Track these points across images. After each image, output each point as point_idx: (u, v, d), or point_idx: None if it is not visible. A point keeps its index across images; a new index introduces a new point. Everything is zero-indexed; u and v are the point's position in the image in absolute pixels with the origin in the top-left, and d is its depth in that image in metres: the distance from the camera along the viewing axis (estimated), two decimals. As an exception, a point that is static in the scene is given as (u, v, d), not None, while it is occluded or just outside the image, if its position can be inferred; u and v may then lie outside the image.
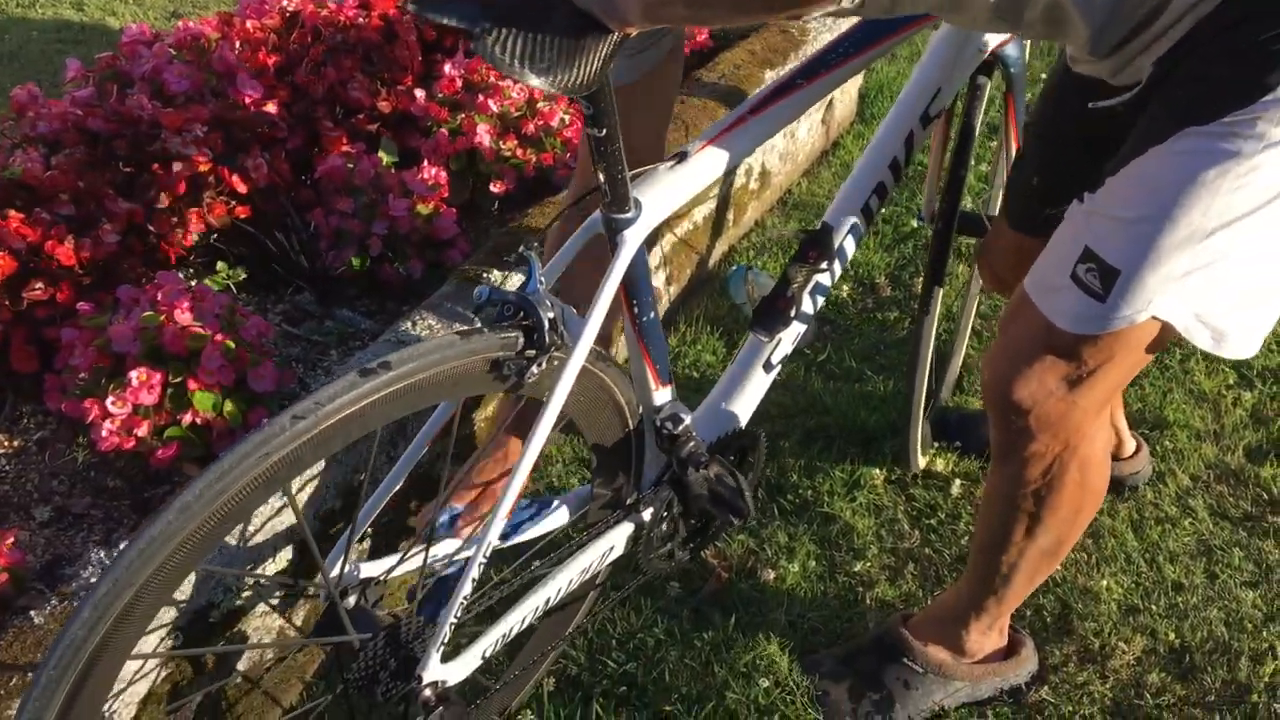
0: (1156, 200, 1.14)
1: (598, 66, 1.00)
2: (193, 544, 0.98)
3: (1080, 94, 1.35)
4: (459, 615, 1.21)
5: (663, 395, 1.41)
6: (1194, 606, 1.76)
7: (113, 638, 0.96)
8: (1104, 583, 1.80)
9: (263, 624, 1.52)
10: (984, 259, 1.82)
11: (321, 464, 1.51)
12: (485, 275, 1.87)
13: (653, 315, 1.33)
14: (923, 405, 1.92)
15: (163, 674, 1.35)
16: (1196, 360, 2.28)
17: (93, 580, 1.34)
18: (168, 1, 4.40)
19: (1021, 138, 1.67)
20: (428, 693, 1.23)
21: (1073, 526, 1.43)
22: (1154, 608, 1.77)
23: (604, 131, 1.12)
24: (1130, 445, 1.98)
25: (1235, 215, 1.11)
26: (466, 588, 1.20)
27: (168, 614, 1.32)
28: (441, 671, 1.25)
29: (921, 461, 2.03)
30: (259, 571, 1.46)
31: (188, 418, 1.54)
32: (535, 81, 0.96)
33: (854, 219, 1.61)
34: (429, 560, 1.33)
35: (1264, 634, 1.71)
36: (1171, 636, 1.72)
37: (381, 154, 2.14)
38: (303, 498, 1.51)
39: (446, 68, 2.25)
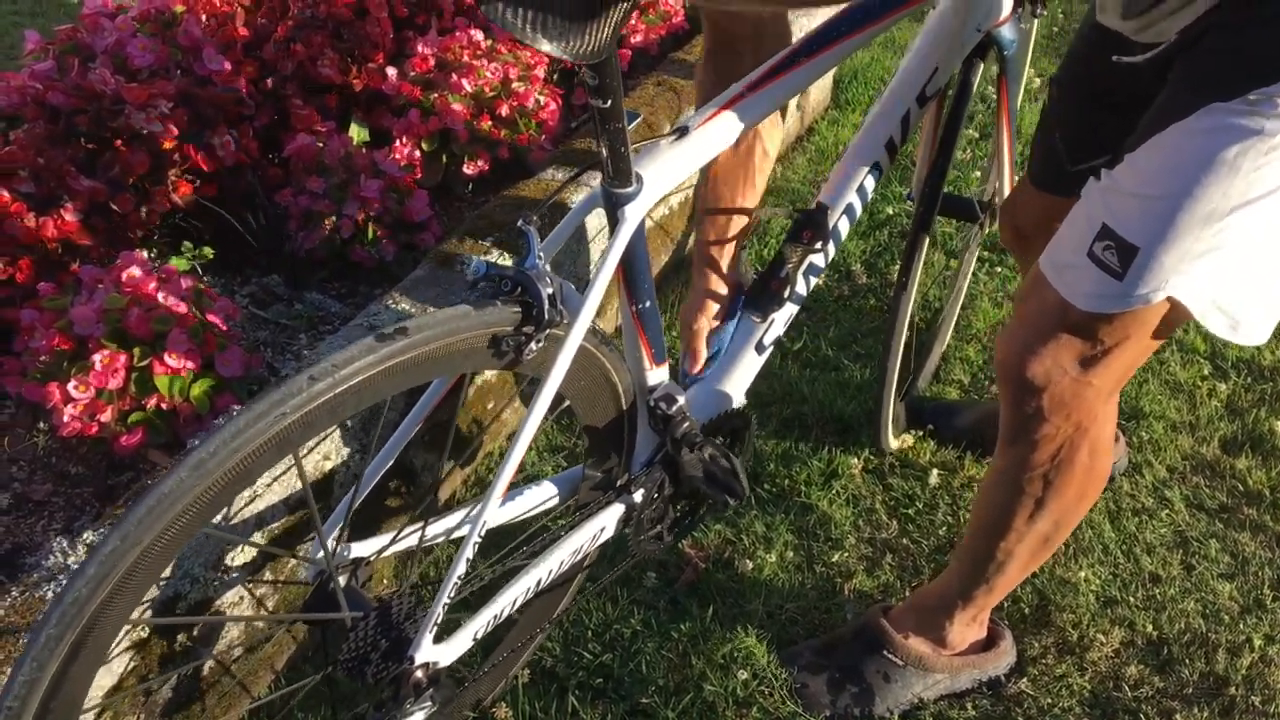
0: (1177, 177, 1.12)
1: (608, 34, 0.97)
2: (202, 504, 0.95)
3: (1105, 51, 1.34)
4: (452, 595, 1.18)
5: (657, 375, 1.38)
6: (1171, 598, 1.76)
7: (114, 599, 0.93)
8: (1082, 574, 1.79)
9: (245, 606, 1.48)
10: (1006, 216, 1.81)
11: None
12: (458, 258, 1.83)
13: (649, 290, 1.30)
14: (895, 384, 1.90)
15: (142, 648, 1.31)
16: (1172, 351, 2.28)
17: (51, 565, 1.29)
18: (129, -26, 4.30)
19: (1047, 93, 1.65)
20: (419, 674, 1.21)
21: (1074, 512, 1.42)
22: (1132, 599, 1.76)
23: (608, 103, 1.08)
24: (1114, 438, 1.97)
25: (1256, 195, 1.09)
26: (461, 567, 1.17)
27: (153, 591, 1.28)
28: (433, 653, 1.23)
29: (894, 443, 2.02)
30: (254, 542, 1.42)
31: (152, 402, 1.49)
32: (546, 47, 0.93)
33: (850, 199, 1.60)
34: (424, 540, 1.30)
35: (1240, 626, 1.71)
36: (1149, 628, 1.71)
37: (352, 133, 2.09)
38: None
39: (419, 46, 2.20)
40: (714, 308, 1.61)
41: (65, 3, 3.99)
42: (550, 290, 1.13)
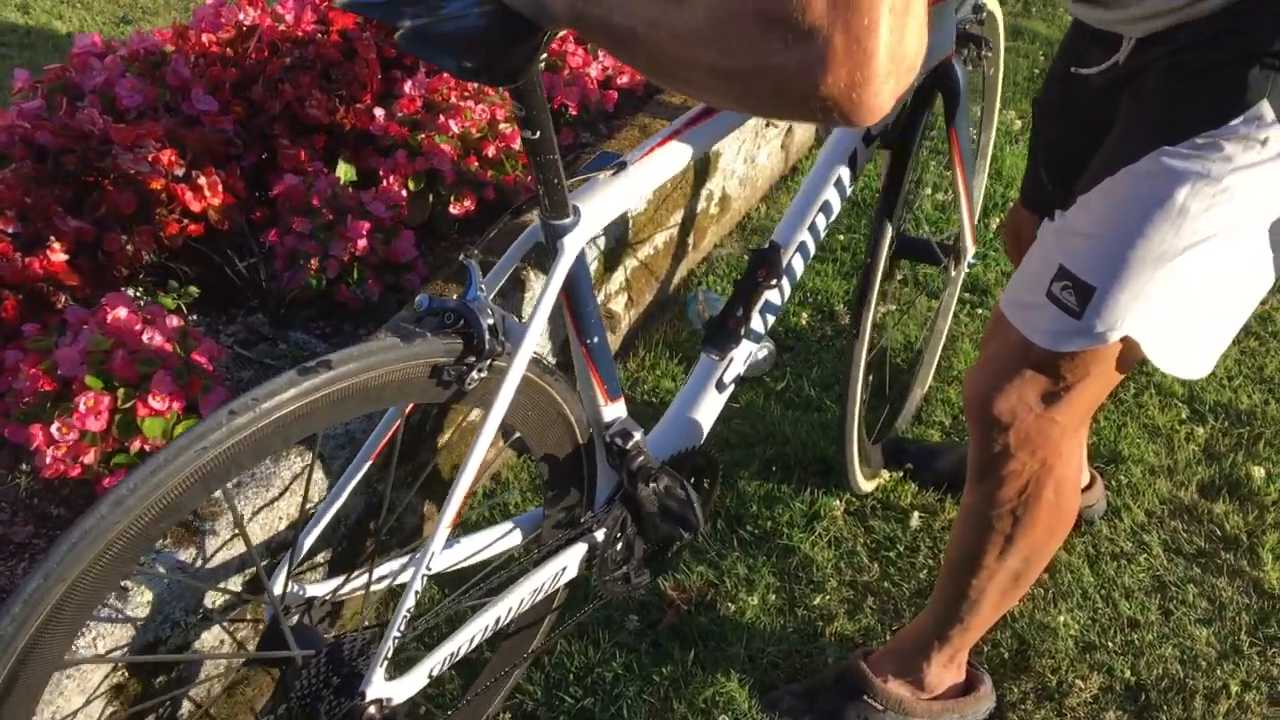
0: (1129, 220, 1.16)
1: (523, 61, 1.00)
2: (126, 540, 0.95)
3: (1077, 71, 1.37)
4: (402, 630, 1.19)
5: (612, 411, 1.40)
6: (1149, 644, 1.77)
7: (43, 637, 0.93)
8: (1061, 618, 1.80)
9: (206, 646, 1.47)
10: (1009, 235, 1.85)
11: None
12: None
13: (597, 325, 1.32)
14: (859, 426, 1.91)
15: (103, 691, 1.31)
16: (1150, 395, 2.30)
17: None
18: (117, 7, 4.31)
19: (1034, 117, 1.68)
20: (372, 710, 1.22)
21: (1043, 549, 1.44)
22: (1110, 644, 1.77)
23: (537, 134, 1.11)
24: (1085, 478, 1.99)
25: (1205, 236, 1.13)
26: (410, 601, 1.19)
27: (118, 631, 1.28)
28: (386, 689, 1.24)
29: (866, 485, 2.03)
30: (205, 583, 1.42)
31: (136, 444, 1.49)
32: (455, 70, 0.96)
33: (801, 237, 1.63)
34: (373, 579, 1.31)
35: (1218, 672, 1.72)
36: (1128, 674, 1.72)
37: (340, 172, 2.10)
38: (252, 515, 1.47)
39: (406, 86, 2.22)
40: None
41: (54, 36, 4.00)
42: (490, 321, 1.15)
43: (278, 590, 1.25)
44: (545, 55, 2.26)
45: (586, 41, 2.58)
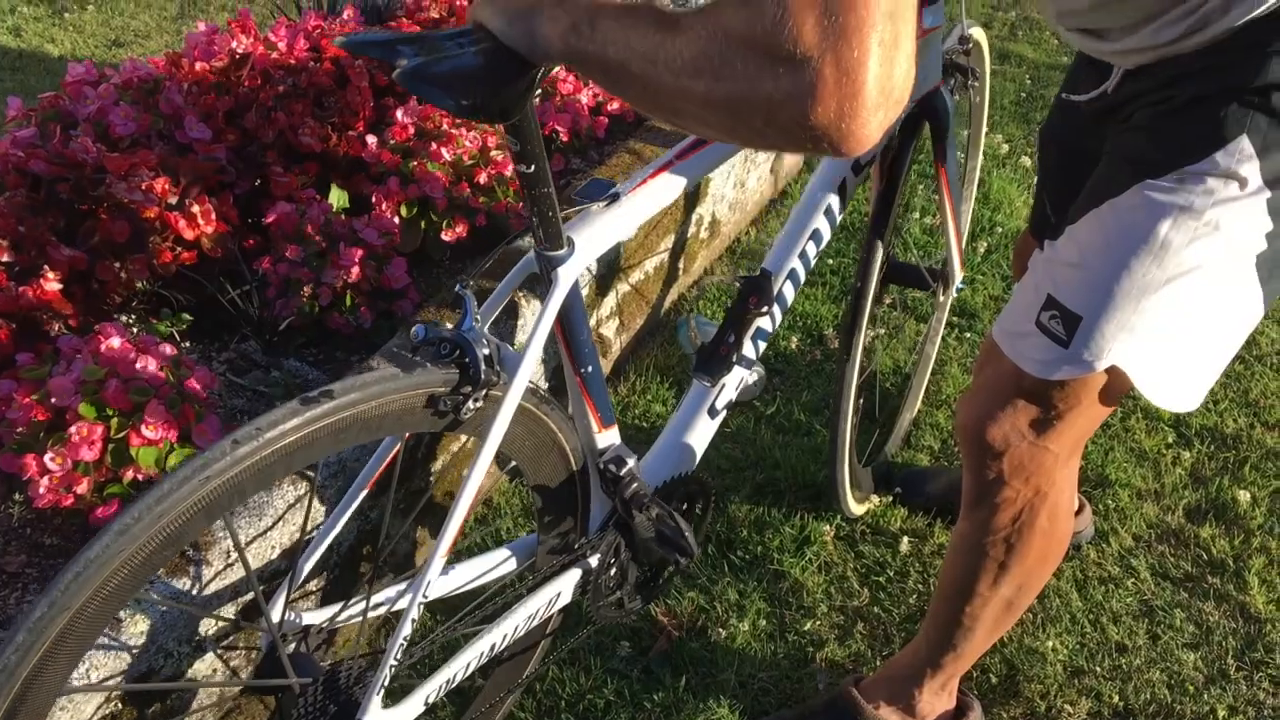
0: (1113, 252, 1.17)
1: (518, 97, 1.02)
2: (130, 568, 0.96)
3: (1069, 98, 1.40)
4: (399, 658, 1.20)
5: (606, 438, 1.42)
6: (1137, 668, 1.79)
7: (46, 665, 0.94)
8: (1050, 643, 1.81)
9: (204, 674, 1.48)
10: (1017, 260, 1.86)
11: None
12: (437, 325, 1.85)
13: (591, 354, 1.34)
14: (850, 450, 1.92)
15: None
16: (1137, 419, 2.32)
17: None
18: (109, 30, 4.32)
19: (1036, 151, 1.70)
20: None
21: (1036, 576, 1.45)
22: (1098, 669, 1.78)
23: (532, 168, 1.13)
24: (1074, 503, 2.00)
25: (1188, 268, 1.14)
26: (406, 629, 1.20)
27: (112, 661, 1.29)
28: (382, 716, 1.24)
29: (857, 508, 2.04)
30: (202, 610, 1.43)
31: (129, 474, 1.50)
32: (453, 108, 0.97)
33: (792, 264, 1.65)
34: (369, 607, 1.32)
35: (1205, 696, 1.74)
36: (1116, 699, 1.74)
37: (332, 200, 2.12)
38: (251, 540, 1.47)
39: (399, 114, 2.23)
40: None
41: (46, 58, 4.01)
42: (486, 351, 1.16)
43: (275, 617, 1.26)
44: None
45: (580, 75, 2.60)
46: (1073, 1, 1.22)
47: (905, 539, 2.02)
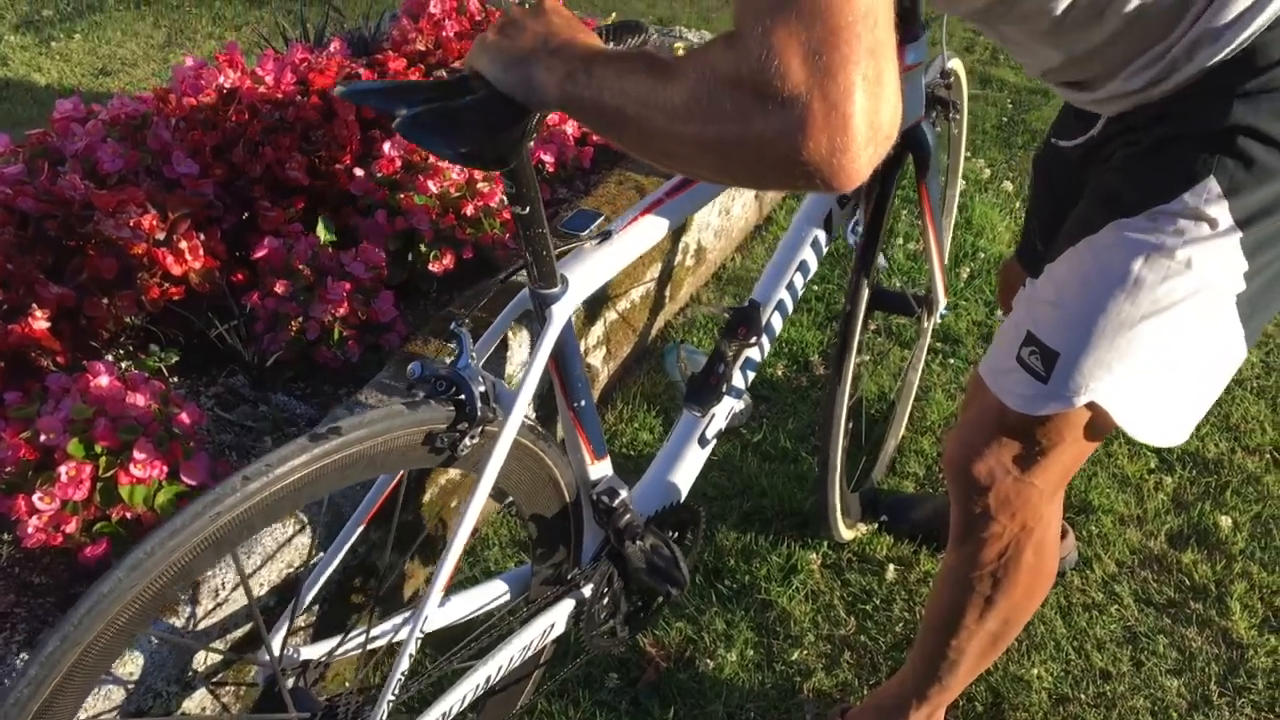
0: (1089, 289, 1.20)
1: (515, 144, 1.04)
2: (141, 603, 0.98)
3: (1057, 144, 1.43)
4: (396, 693, 1.21)
5: (599, 470, 1.44)
6: (1121, 695, 1.80)
7: (57, 699, 0.95)
8: (1034, 671, 1.83)
9: (197, 712, 1.48)
10: (1002, 291, 1.88)
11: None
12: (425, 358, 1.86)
13: (584, 388, 1.36)
14: (841, 475, 1.94)
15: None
16: (1120, 444, 2.34)
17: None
18: (95, 59, 4.33)
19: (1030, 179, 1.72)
20: None
21: (1022, 610, 1.47)
22: (1083, 696, 1.80)
23: (527, 210, 1.16)
24: (1059, 536, 2.02)
25: (1163, 305, 1.16)
26: (404, 664, 1.21)
27: (100, 702, 1.29)
28: None
29: (847, 534, 2.05)
30: (203, 644, 1.44)
31: (118, 512, 1.50)
32: (452, 156, 1.00)
33: (780, 295, 1.68)
34: (369, 640, 1.33)
35: (1189, 723, 1.76)
36: (1101, 726, 1.75)
37: (320, 233, 2.13)
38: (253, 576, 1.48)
39: (386, 147, 2.25)
40: None
41: (33, 87, 4.02)
42: (482, 388, 1.18)
43: (275, 651, 1.26)
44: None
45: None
46: (1048, 60, 1.24)
47: (891, 566, 2.03)
